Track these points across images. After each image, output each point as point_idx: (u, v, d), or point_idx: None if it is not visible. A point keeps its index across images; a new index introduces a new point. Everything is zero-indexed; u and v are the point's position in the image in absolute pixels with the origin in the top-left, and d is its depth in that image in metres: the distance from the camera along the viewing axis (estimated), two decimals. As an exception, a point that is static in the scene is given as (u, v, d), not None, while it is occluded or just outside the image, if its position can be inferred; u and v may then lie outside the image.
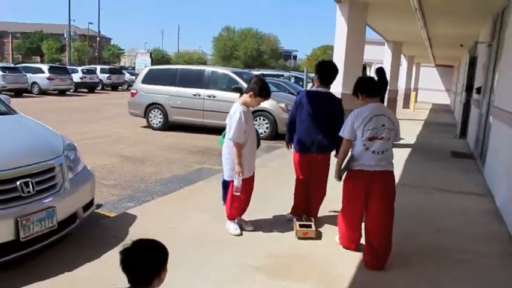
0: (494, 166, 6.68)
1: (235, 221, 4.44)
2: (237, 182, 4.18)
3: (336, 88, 9.33)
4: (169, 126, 12.06)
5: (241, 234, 4.33)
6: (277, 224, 4.67)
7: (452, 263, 3.91)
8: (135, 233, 4.23)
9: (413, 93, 22.40)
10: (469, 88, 12.06)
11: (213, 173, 7.02)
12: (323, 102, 4.56)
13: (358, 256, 3.94)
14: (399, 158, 8.46)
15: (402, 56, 19.44)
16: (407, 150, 9.47)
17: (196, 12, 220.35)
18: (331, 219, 4.75)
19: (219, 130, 11.16)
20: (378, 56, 20.67)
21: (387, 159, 3.80)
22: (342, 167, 3.89)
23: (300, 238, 4.28)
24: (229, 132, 4.18)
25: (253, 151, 4.39)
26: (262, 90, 4.21)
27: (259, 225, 4.58)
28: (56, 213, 3.60)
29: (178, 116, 11.95)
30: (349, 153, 3.89)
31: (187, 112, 11.79)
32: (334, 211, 4.82)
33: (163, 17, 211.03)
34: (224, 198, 4.54)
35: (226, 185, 4.49)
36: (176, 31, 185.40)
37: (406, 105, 22.50)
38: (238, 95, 10.83)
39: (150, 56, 39.75)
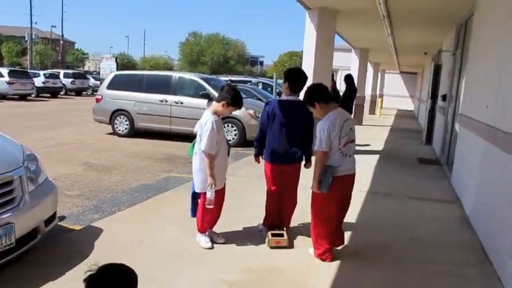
0: (462, 173, 6.78)
1: (206, 233, 4.28)
2: (209, 195, 4.02)
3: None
4: (135, 133, 11.80)
5: (212, 248, 4.17)
6: (249, 236, 4.54)
7: (432, 276, 3.87)
8: (101, 248, 4.03)
9: (379, 100, 22.76)
10: (433, 95, 12.30)
11: (180, 182, 6.84)
12: (295, 112, 4.46)
13: (332, 266, 3.87)
14: (368, 164, 8.53)
15: (368, 62, 19.73)
16: (376, 157, 9.53)
17: (163, 17, 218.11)
18: (302, 229, 4.69)
19: (186, 137, 11.16)
20: (344, 62, 20.90)
21: (354, 160, 3.99)
22: (322, 179, 3.79)
23: (272, 247, 4.19)
24: (201, 143, 4.02)
25: (225, 161, 4.25)
26: (235, 99, 4.06)
27: (231, 237, 4.44)
28: (15, 229, 3.35)
29: (144, 122, 11.69)
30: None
31: (154, 119, 11.55)
32: (303, 223, 4.76)
33: (130, 22, 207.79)
34: (193, 211, 4.37)
35: (195, 197, 4.33)
36: (142, 36, 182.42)
37: (372, 111, 22.86)
38: (206, 101, 11.06)
39: (116, 61, 39.06)
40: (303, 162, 4.57)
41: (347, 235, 4.56)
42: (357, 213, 5.50)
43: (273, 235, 4.28)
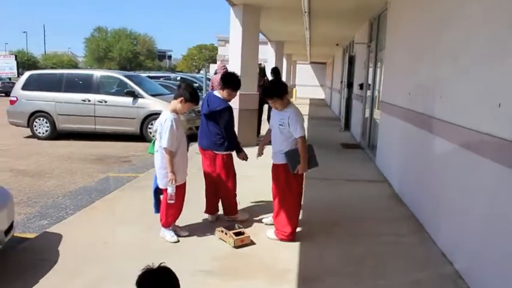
0: (386, 155, 7.48)
1: (170, 228, 4.40)
2: (171, 190, 4.16)
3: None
4: (57, 135, 11.31)
5: (178, 241, 4.31)
6: (209, 227, 4.73)
7: (382, 245, 4.37)
8: (66, 253, 3.99)
9: (294, 90, 23.68)
10: (349, 85, 13.17)
11: (122, 181, 6.80)
12: None
13: (294, 246, 4.21)
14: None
15: (282, 54, 20.41)
16: (304, 145, 10.08)
17: (63, 13, 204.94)
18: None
19: (112, 136, 10.93)
20: (261, 55, 21.40)
21: None
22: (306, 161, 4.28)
23: (237, 247, 4.18)
24: (161, 140, 4.13)
25: (185, 158, 4.39)
26: (192, 95, 4.23)
27: (193, 230, 4.60)
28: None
29: (67, 123, 11.25)
30: (288, 148, 4.30)
31: (77, 119, 11.15)
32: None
33: (26, 17, 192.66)
34: (156, 207, 4.47)
35: (158, 193, 4.43)
36: (41, 32, 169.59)
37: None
38: (131, 99, 10.88)
39: (16, 59, 36.20)
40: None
41: (301, 216, 4.95)
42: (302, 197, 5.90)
43: (236, 234, 4.29)
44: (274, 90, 4.32)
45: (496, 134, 3.13)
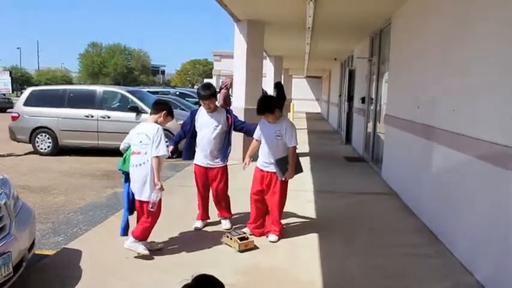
0: (392, 168, 7.56)
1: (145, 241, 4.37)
2: (155, 197, 4.17)
3: (239, 103, 9.72)
4: (59, 150, 11.30)
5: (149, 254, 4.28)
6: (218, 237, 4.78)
7: (403, 256, 4.42)
8: (89, 269, 3.98)
9: (292, 104, 23.81)
10: (350, 98, 13.31)
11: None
12: None
13: (315, 258, 4.24)
14: (304, 166, 9.04)
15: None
16: (307, 158, 10.15)
17: (57, 28, 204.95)
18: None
19: (115, 152, 10.89)
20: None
21: None
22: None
23: (242, 251, 4.40)
24: (156, 149, 4.15)
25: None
26: (170, 110, 4.46)
27: (207, 241, 4.63)
28: (12, 258, 3.26)
29: (70, 139, 11.26)
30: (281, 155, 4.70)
31: (80, 135, 11.17)
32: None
33: (20, 33, 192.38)
34: (125, 230, 4.40)
35: (131, 211, 4.44)
36: (35, 48, 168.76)
37: (285, 115, 23.79)
38: (134, 114, 10.91)
39: (10, 75, 36.12)
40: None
41: (315, 230, 5.10)
42: (314, 210, 5.98)
43: (241, 239, 4.48)
44: (267, 106, 4.67)
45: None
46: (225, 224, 5.20)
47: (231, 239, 4.52)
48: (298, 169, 4.86)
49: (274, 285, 3.76)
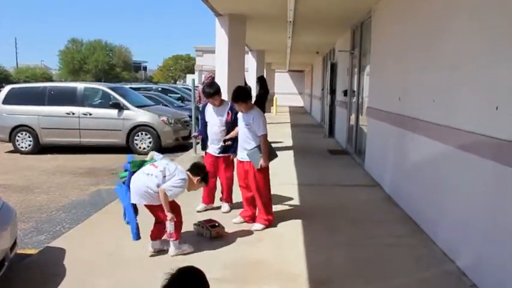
0: (375, 160, 7.63)
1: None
2: (171, 228, 4.11)
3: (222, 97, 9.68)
4: (40, 149, 11.16)
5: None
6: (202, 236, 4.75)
7: (387, 247, 4.48)
8: (73, 266, 3.95)
9: (274, 98, 23.85)
10: (332, 92, 13.37)
11: (115, 194, 6.71)
12: None
13: (300, 250, 4.27)
14: (287, 160, 9.11)
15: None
16: (291, 152, 10.16)
17: (35, 25, 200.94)
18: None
19: (97, 149, 10.85)
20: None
21: None
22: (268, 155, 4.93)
23: (213, 238, 4.60)
24: (166, 181, 4.10)
25: None
26: (206, 176, 4.47)
27: (191, 239, 4.62)
28: (-7, 257, 3.22)
29: (51, 137, 11.15)
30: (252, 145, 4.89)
31: (62, 132, 11.07)
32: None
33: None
34: (137, 233, 4.30)
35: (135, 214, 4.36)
36: (12, 45, 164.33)
37: (268, 109, 23.80)
38: (116, 111, 10.82)
39: (-12, 73, 35.50)
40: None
41: (300, 222, 5.13)
42: (298, 202, 6.02)
43: (212, 226, 4.69)
44: (239, 95, 4.90)
45: (494, 135, 3.28)
46: (224, 207, 5.66)
47: (202, 227, 4.74)
48: (273, 155, 5.04)
49: (261, 278, 3.77)
